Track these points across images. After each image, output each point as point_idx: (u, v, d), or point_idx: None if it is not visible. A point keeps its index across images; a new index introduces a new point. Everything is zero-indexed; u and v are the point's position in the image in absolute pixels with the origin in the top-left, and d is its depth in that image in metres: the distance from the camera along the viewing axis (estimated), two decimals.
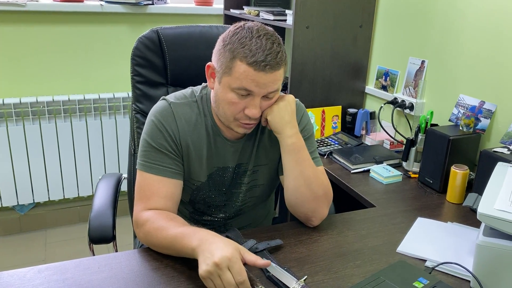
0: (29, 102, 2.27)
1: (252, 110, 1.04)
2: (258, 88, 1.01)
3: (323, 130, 2.00)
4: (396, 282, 0.98)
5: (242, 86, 1.01)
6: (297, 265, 1.05)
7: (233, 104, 1.04)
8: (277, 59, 1.01)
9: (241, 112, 1.05)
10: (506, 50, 1.47)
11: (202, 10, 2.56)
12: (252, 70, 0.99)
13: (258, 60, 0.99)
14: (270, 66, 1.00)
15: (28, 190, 2.39)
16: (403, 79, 1.89)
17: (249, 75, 1.00)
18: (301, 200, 1.14)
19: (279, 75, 1.03)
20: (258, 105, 1.04)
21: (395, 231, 1.23)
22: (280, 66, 1.02)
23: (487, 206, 0.97)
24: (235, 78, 1.01)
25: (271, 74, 1.01)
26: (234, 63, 1.01)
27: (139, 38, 1.43)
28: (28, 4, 2.18)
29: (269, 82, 1.02)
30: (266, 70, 1.00)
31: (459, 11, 1.62)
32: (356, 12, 1.97)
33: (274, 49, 1.01)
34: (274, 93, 1.06)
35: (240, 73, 1.00)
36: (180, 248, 0.97)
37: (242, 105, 1.04)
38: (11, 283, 0.95)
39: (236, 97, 1.04)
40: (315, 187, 1.13)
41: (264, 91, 1.03)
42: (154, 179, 1.09)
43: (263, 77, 1.00)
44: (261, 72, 0.99)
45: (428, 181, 1.52)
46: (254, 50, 0.99)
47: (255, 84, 1.01)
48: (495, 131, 1.52)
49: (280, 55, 1.02)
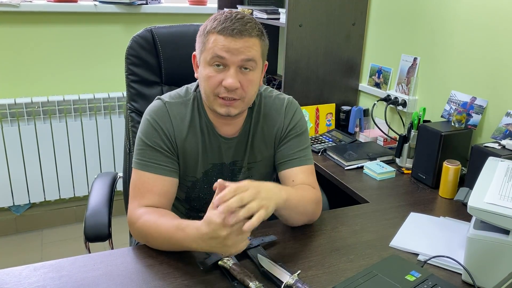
0: (24, 103, 2.27)
1: (228, 80, 1.04)
2: (230, 54, 1.03)
3: (317, 128, 2.02)
4: (389, 275, 0.99)
5: (215, 54, 1.03)
6: (291, 260, 1.06)
7: (210, 78, 1.06)
8: (246, 26, 1.04)
9: (219, 86, 1.06)
10: (497, 47, 1.49)
11: (196, 10, 2.57)
12: (222, 37, 1.03)
13: (226, 26, 1.03)
14: (238, 31, 1.02)
15: (23, 190, 2.39)
16: (395, 76, 1.91)
17: (219, 42, 1.03)
18: (293, 222, 1.16)
19: (252, 43, 1.05)
20: (234, 75, 1.04)
21: (388, 226, 1.24)
22: (251, 34, 1.04)
23: (477, 199, 0.99)
24: (208, 50, 1.05)
25: (241, 40, 1.03)
26: (207, 37, 1.06)
27: (133, 37, 1.44)
28: (22, 4, 2.18)
29: (240, 47, 1.03)
30: (234, 35, 1.02)
31: (450, 8, 1.64)
32: (349, 10, 1.98)
33: (245, 20, 1.05)
34: (249, 64, 1.06)
35: (211, 42, 1.04)
36: (175, 242, 0.99)
37: (219, 78, 1.05)
38: (7, 281, 0.96)
39: (212, 71, 1.06)
40: (305, 210, 1.14)
41: (236, 59, 1.04)
42: (149, 177, 1.10)
43: (232, 42, 1.02)
44: (230, 38, 1.02)
45: (421, 177, 1.54)
46: (223, 21, 1.04)
47: (226, 49, 1.03)
48: (487, 126, 1.54)
49: (250, 25, 1.05)
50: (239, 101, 1.08)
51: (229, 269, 0.98)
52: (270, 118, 1.21)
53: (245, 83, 1.07)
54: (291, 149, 1.21)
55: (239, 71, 1.05)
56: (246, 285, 0.94)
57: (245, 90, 1.07)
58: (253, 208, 0.88)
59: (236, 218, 0.87)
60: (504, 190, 1.03)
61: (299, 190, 1.13)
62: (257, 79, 1.10)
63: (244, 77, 1.06)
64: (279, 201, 0.98)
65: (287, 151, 1.21)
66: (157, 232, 1.02)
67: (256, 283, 0.93)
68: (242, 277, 0.95)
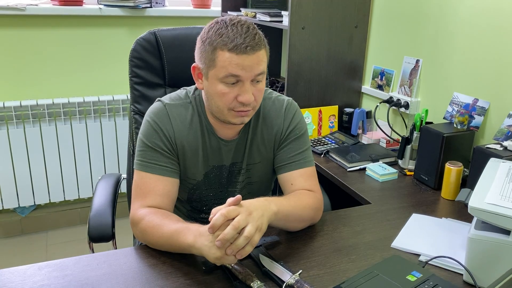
0: (30, 105, 2.29)
1: (245, 96, 1.05)
2: (245, 71, 1.03)
3: (320, 130, 2.02)
4: (390, 275, 0.99)
5: (229, 73, 1.03)
6: (293, 260, 1.06)
7: (224, 95, 1.06)
8: (256, 40, 1.03)
9: (234, 101, 1.07)
10: (499, 48, 1.49)
11: (199, 13, 2.59)
12: (235, 55, 1.02)
13: (238, 43, 1.01)
14: (250, 47, 1.02)
15: (29, 192, 2.41)
16: (398, 78, 1.91)
17: (233, 61, 1.02)
18: (290, 229, 1.17)
19: (262, 55, 1.05)
20: (249, 90, 1.05)
21: (390, 227, 1.25)
22: (261, 47, 1.05)
23: (478, 200, 0.99)
24: (220, 68, 1.03)
25: (254, 55, 1.03)
26: (216, 54, 1.03)
27: (137, 40, 1.45)
28: (28, 8, 2.21)
29: (254, 63, 1.03)
30: (248, 51, 1.02)
31: (452, 10, 1.64)
32: (352, 13, 1.99)
33: (251, 31, 1.04)
34: (261, 76, 1.07)
35: (224, 61, 1.02)
36: (176, 244, 1.00)
37: (233, 94, 1.06)
38: (12, 280, 0.97)
39: (225, 88, 1.05)
40: (300, 217, 1.14)
41: (251, 74, 1.04)
42: (150, 177, 1.12)
43: (246, 59, 1.02)
44: (244, 55, 1.02)
45: (423, 178, 1.54)
46: (232, 36, 1.02)
47: (241, 67, 1.02)
48: (489, 128, 1.54)
49: (258, 37, 1.05)
50: (251, 110, 1.11)
51: (231, 269, 0.99)
52: (269, 120, 1.22)
53: (257, 93, 1.08)
54: (290, 152, 1.21)
55: (251, 84, 1.06)
56: (247, 284, 0.94)
57: (257, 100, 1.09)
58: (251, 233, 0.90)
59: (235, 247, 0.89)
60: (505, 190, 1.03)
61: (293, 198, 1.13)
62: (265, 86, 1.13)
63: (255, 88, 1.07)
64: (270, 216, 0.99)
65: (286, 154, 1.21)
66: (159, 234, 1.03)
67: (257, 282, 0.94)
68: (244, 276, 0.96)
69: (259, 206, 0.97)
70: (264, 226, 0.95)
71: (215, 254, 0.91)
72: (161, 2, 2.52)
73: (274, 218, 1.01)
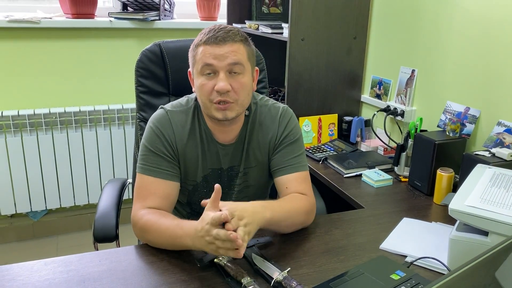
0: (42, 113, 2.39)
1: (219, 83, 1.12)
2: (217, 60, 1.12)
3: (320, 137, 2.08)
4: (375, 274, 1.04)
5: (204, 63, 1.12)
6: (284, 259, 1.12)
7: (203, 86, 1.14)
8: (230, 34, 1.12)
9: (213, 92, 1.14)
10: (489, 59, 1.54)
11: (206, 25, 2.61)
12: (208, 46, 1.12)
13: (210, 36, 1.12)
14: (221, 38, 1.11)
15: (41, 197, 2.50)
16: (395, 88, 1.97)
17: (206, 52, 1.12)
18: (283, 232, 1.22)
19: (236, 47, 1.13)
20: (224, 78, 1.12)
21: (380, 230, 1.29)
22: (235, 40, 1.13)
23: (458, 202, 1.04)
24: (198, 61, 1.14)
25: (225, 45, 1.12)
26: (196, 51, 1.15)
27: (142, 51, 1.53)
28: (43, 21, 2.32)
29: (226, 52, 1.11)
30: (218, 42, 1.11)
31: (445, 23, 1.70)
32: (350, 25, 2.06)
33: (226, 29, 1.14)
34: (237, 67, 1.14)
35: (200, 53, 1.13)
36: (174, 239, 1.07)
37: (211, 85, 1.14)
38: (20, 274, 1.04)
39: (204, 79, 1.14)
40: (293, 222, 1.20)
41: (223, 63, 1.12)
42: (151, 180, 1.19)
43: (217, 49, 1.11)
44: (215, 45, 1.11)
45: (417, 184, 1.59)
46: (207, 33, 1.14)
47: (213, 57, 1.11)
48: (480, 135, 1.58)
49: (233, 32, 1.13)
50: (233, 104, 1.16)
51: (223, 266, 1.05)
52: (265, 126, 1.28)
53: (236, 85, 1.14)
54: (285, 157, 1.27)
55: (228, 76, 1.14)
56: (238, 280, 1.00)
57: (237, 92, 1.15)
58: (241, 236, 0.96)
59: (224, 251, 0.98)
60: (486, 194, 1.08)
61: (287, 202, 1.19)
62: (248, 83, 1.18)
63: (234, 80, 1.14)
64: (261, 222, 1.05)
65: (281, 159, 1.27)
66: (158, 230, 1.10)
67: (247, 279, 0.99)
68: (235, 273, 1.02)
69: (253, 212, 1.03)
70: (253, 232, 1.02)
71: (212, 251, 0.99)
72: (169, 15, 2.62)
73: (266, 224, 1.08)
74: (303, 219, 1.22)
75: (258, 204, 1.08)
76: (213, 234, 0.95)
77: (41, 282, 1.01)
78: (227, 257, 1.06)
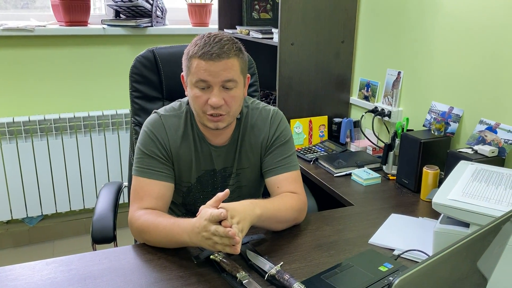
0: (37, 120, 2.42)
1: (213, 99, 1.16)
2: (212, 77, 1.15)
3: (310, 139, 2.14)
4: (363, 267, 1.09)
5: (199, 78, 1.16)
6: (277, 255, 1.16)
7: (197, 98, 1.18)
8: (224, 49, 1.15)
9: (206, 105, 1.18)
10: (472, 61, 1.61)
11: (198, 31, 2.72)
12: (203, 62, 1.14)
13: (205, 51, 1.14)
14: (216, 54, 1.14)
15: (36, 202, 2.52)
16: (382, 89, 2.03)
17: (202, 67, 1.15)
18: (274, 229, 1.27)
19: (231, 64, 1.16)
20: (218, 94, 1.17)
21: (369, 226, 1.34)
22: (229, 56, 1.15)
23: (441, 196, 1.10)
24: (193, 74, 1.17)
25: (220, 62, 1.14)
26: (190, 62, 1.18)
27: (136, 57, 1.58)
28: (37, 29, 2.35)
29: (221, 70, 1.15)
30: (213, 58, 1.14)
31: (429, 26, 1.77)
32: (338, 29, 2.12)
33: (222, 42, 1.16)
34: (231, 83, 1.18)
35: (195, 67, 1.16)
36: (171, 237, 1.11)
37: (205, 98, 1.18)
38: (22, 273, 1.08)
39: (199, 92, 1.18)
40: (284, 218, 1.24)
41: (218, 80, 1.16)
42: (146, 182, 1.23)
43: (213, 65, 1.14)
44: (210, 61, 1.14)
45: (404, 182, 1.65)
46: (202, 46, 1.15)
47: (208, 73, 1.15)
48: (463, 133, 1.65)
49: (228, 47, 1.16)
50: (225, 115, 1.21)
51: (219, 262, 1.09)
52: (257, 128, 1.33)
53: (229, 99, 1.19)
54: (276, 158, 1.32)
55: (222, 90, 1.18)
56: (234, 275, 1.05)
57: (229, 105, 1.20)
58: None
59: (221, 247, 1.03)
60: (468, 188, 1.14)
61: (277, 201, 1.23)
62: (240, 94, 1.22)
63: (227, 94, 1.19)
64: (253, 218, 1.11)
65: (272, 160, 1.32)
66: (156, 229, 1.14)
67: (242, 273, 1.04)
68: (231, 268, 1.06)
69: (244, 210, 1.08)
70: (246, 230, 1.06)
71: (209, 246, 1.04)
72: (161, 21, 2.67)
73: (257, 220, 1.12)
74: (294, 216, 1.27)
75: (248, 202, 1.13)
76: (212, 230, 1.00)
77: (43, 281, 1.05)
78: (222, 254, 1.11)
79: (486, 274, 0.86)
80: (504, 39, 1.48)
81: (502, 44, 1.49)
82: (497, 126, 1.50)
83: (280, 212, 1.21)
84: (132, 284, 1.03)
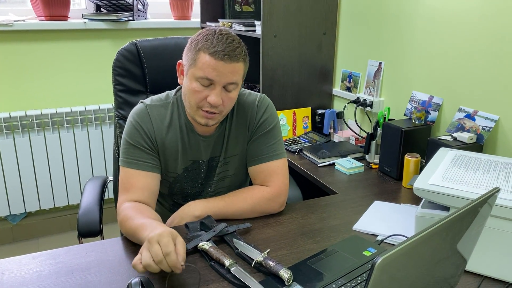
0: (19, 116, 2.39)
1: (213, 98, 1.17)
2: (219, 77, 1.15)
3: (295, 130, 2.16)
4: (348, 252, 1.12)
5: (205, 75, 1.15)
6: (264, 243, 1.18)
7: (196, 93, 1.18)
8: (236, 52, 1.16)
9: (203, 100, 1.18)
10: (450, 51, 1.64)
11: (180, 24, 2.72)
12: (213, 60, 1.14)
13: (218, 50, 1.14)
14: (228, 56, 1.14)
15: (19, 200, 2.49)
16: (364, 80, 2.06)
17: (211, 64, 1.14)
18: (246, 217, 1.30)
19: (238, 68, 1.17)
20: (219, 94, 1.17)
21: (353, 213, 1.37)
22: (239, 60, 1.16)
23: (422, 182, 1.13)
24: (198, 68, 1.16)
25: (230, 64, 1.15)
26: (198, 55, 1.16)
27: (119, 51, 1.57)
28: (15, 23, 2.32)
29: (228, 72, 1.15)
30: (225, 59, 1.14)
31: (409, 18, 1.80)
32: (320, 21, 2.14)
33: (234, 44, 1.16)
34: (232, 86, 1.19)
35: (203, 63, 1.15)
36: (137, 239, 1.09)
37: (204, 94, 1.18)
38: (9, 268, 1.08)
39: (199, 86, 1.17)
40: (249, 209, 1.29)
41: (223, 81, 1.16)
42: (133, 173, 1.23)
43: (222, 66, 1.14)
44: (221, 62, 1.14)
45: (386, 170, 1.68)
46: (215, 43, 1.15)
47: (216, 73, 1.15)
48: (443, 121, 1.69)
49: (238, 50, 1.17)
50: (217, 114, 1.22)
51: (207, 251, 1.10)
52: (243, 114, 1.33)
53: (226, 100, 1.20)
54: (260, 146, 1.33)
55: (222, 90, 1.18)
56: (221, 263, 1.06)
57: (225, 105, 1.21)
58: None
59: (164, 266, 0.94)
60: (448, 174, 1.17)
61: (232, 195, 1.29)
62: (236, 96, 1.24)
63: (226, 95, 1.19)
64: (190, 219, 1.23)
65: (256, 149, 1.33)
66: (126, 227, 1.13)
67: (230, 261, 1.05)
68: (218, 256, 1.08)
69: (179, 215, 1.25)
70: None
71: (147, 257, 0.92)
72: (143, 15, 2.65)
73: (199, 217, 1.22)
74: (262, 206, 1.29)
75: (191, 204, 1.26)
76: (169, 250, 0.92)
77: (30, 275, 1.04)
78: (210, 243, 1.12)
79: (466, 255, 0.89)
80: (481, 29, 1.52)
81: (479, 35, 1.53)
82: (475, 114, 1.54)
83: (232, 206, 1.27)
84: (120, 275, 1.04)
